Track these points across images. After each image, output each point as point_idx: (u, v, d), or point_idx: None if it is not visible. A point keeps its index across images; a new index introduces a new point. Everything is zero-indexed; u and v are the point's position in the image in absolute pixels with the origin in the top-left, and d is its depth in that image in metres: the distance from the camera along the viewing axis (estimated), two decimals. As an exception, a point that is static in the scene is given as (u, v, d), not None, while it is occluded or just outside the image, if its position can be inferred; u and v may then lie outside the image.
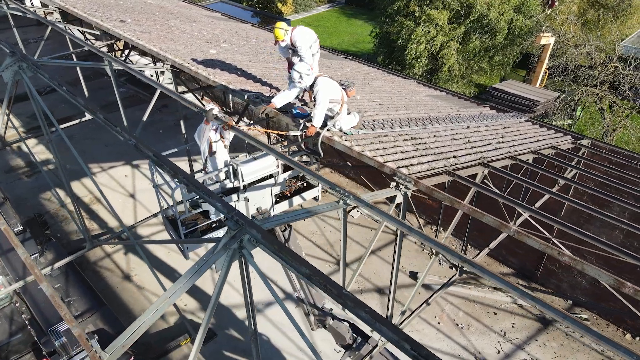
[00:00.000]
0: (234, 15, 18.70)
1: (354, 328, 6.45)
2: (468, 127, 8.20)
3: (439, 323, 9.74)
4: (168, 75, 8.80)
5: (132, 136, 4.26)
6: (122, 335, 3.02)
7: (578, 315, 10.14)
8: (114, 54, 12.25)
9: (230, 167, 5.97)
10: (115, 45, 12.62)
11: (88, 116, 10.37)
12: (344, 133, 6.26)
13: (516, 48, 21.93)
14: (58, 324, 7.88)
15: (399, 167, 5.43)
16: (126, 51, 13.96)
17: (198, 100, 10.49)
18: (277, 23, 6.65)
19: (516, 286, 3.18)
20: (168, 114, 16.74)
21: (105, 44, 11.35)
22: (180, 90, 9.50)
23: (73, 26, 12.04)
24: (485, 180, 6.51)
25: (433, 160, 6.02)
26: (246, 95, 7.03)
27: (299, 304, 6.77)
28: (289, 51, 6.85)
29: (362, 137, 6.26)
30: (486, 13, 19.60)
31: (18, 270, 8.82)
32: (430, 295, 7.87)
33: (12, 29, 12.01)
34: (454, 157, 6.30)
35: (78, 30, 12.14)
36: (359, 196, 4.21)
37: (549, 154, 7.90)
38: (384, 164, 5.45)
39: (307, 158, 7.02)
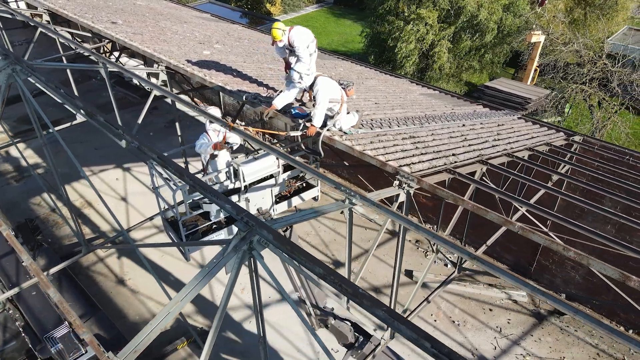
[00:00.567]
0: (223, 15, 18.57)
1: (356, 327, 6.47)
2: (464, 125, 8.26)
3: (436, 321, 9.80)
4: (162, 77, 8.70)
5: (135, 138, 4.21)
6: (134, 340, 2.98)
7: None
8: (106, 56, 12.09)
9: (231, 168, 5.94)
10: (104, 47, 12.46)
11: (79, 119, 10.18)
12: (344, 132, 6.26)
13: (506, 47, 22.16)
14: (54, 331, 7.74)
15: (401, 166, 5.45)
16: (115, 53, 13.80)
17: (191, 101, 10.41)
18: (275, 23, 6.60)
19: (527, 282, 3.21)
20: (158, 116, 16.55)
21: (93, 47, 11.17)
22: (173, 92, 9.41)
23: (62, 28, 11.85)
24: (483, 177, 6.57)
25: (433, 158, 6.05)
26: (244, 96, 6.99)
27: (300, 304, 6.76)
28: (286, 51, 6.82)
29: (362, 137, 6.26)
30: (477, 13, 19.78)
31: (11, 276, 8.64)
32: (429, 293, 7.93)
33: (1, 32, 11.79)
34: (453, 155, 6.34)
35: (67, 32, 11.95)
36: (365, 195, 4.22)
37: (544, 151, 8.00)
38: (386, 163, 5.47)
39: (302, 160, 7.01)
